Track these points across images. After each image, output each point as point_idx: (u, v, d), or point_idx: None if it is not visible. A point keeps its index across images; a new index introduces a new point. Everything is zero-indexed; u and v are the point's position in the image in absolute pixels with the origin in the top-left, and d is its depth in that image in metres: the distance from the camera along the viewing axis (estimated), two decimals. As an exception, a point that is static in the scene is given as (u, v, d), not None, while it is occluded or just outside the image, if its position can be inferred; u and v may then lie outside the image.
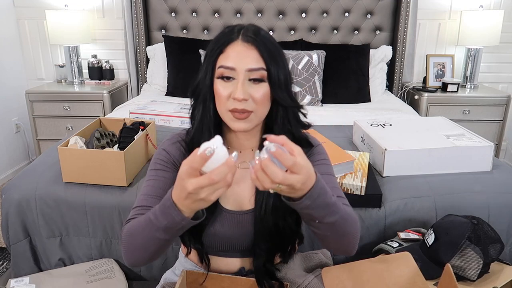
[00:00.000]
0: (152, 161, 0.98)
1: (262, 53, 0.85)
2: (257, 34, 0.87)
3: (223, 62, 0.86)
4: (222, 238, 0.97)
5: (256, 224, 0.95)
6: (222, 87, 0.87)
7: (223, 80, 0.87)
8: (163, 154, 0.96)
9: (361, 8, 2.90)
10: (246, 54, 0.85)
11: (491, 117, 2.76)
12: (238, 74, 0.85)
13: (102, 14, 3.05)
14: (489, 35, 2.77)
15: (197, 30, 2.99)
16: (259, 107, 0.87)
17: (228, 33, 0.88)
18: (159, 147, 1.00)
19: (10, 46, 3.00)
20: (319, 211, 0.78)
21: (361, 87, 2.76)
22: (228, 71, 0.85)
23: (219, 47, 0.87)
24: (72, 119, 2.82)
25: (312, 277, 1.04)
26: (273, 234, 0.95)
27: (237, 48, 0.86)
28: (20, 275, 1.48)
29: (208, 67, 0.89)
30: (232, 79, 0.86)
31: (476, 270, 1.14)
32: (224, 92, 0.86)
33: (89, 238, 1.50)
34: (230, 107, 0.86)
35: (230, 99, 0.86)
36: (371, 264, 1.04)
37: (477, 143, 1.59)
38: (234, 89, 0.85)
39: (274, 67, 0.86)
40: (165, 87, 2.86)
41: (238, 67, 0.85)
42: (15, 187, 1.52)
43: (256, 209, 0.95)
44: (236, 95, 0.84)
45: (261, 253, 0.97)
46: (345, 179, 1.43)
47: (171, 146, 0.97)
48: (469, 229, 1.16)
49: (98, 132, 1.60)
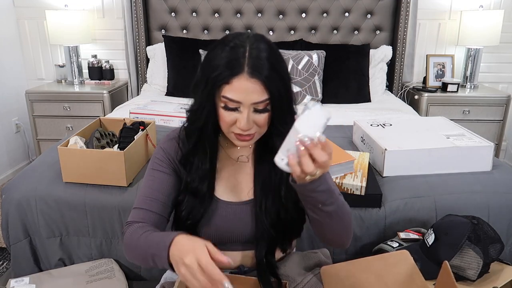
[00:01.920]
0: (151, 159, 1.01)
1: (268, 87, 0.85)
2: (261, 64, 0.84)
3: (228, 94, 0.85)
4: (220, 230, 0.99)
5: (256, 214, 0.98)
6: (227, 114, 0.88)
7: (227, 110, 0.87)
8: (160, 153, 1.00)
9: (361, 8, 2.90)
10: (252, 89, 0.84)
11: (491, 117, 2.76)
12: (243, 107, 0.86)
13: (102, 14, 3.05)
14: (489, 35, 2.77)
15: (197, 30, 2.99)
16: (262, 128, 0.91)
17: (233, 61, 0.84)
18: (157, 146, 1.03)
19: (10, 46, 3.00)
20: (322, 195, 0.84)
21: (361, 87, 2.76)
22: (233, 103, 0.86)
23: (224, 78, 0.84)
24: (72, 119, 2.82)
25: (311, 275, 1.04)
26: (275, 225, 0.97)
27: (243, 83, 0.84)
28: (20, 275, 1.48)
29: (211, 94, 0.87)
30: (236, 109, 0.87)
31: (476, 270, 1.14)
32: (229, 119, 0.88)
33: (89, 238, 1.50)
34: (234, 131, 0.89)
35: (234, 125, 0.88)
36: (369, 263, 1.04)
37: (477, 143, 1.59)
38: (239, 118, 0.87)
39: (277, 95, 0.86)
40: (165, 87, 2.86)
41: (244, 101, 0.85)
42: (15, 187, 1.52)
43: (257, 200, 0.97)
44: (241, 126, 0.86)
45: (263, 243, 0.98)
46: (345, 179, 1.43)
47: (168, 143, 1.00)
48: (469, 229, 1.16)
49: (98, 132, 1.60)
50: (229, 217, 0.99)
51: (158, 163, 0.99)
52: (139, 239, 0.87)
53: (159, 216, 0.95)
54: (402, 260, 1.02)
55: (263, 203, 0.97)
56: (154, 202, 0.95)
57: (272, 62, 0.86)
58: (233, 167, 1.02)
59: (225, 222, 0.98)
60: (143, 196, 0.96)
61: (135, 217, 0.95)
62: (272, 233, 0.97)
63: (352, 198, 1.41)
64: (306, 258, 1.12)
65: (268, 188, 0.97)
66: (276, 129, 0.91)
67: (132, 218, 0.95)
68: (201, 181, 0.96)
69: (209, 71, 0.87)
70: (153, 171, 0.99)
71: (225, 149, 1.02)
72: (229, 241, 1.01)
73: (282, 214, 0.97)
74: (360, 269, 1.02)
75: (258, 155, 1.01)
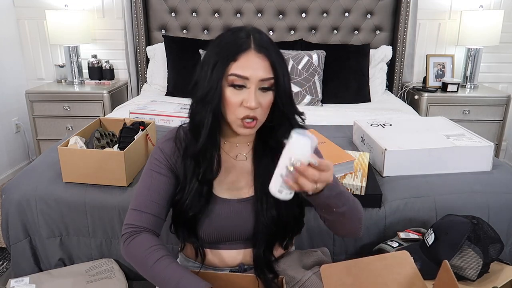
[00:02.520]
0: (150, 159, 1.02)
1: (273, 64, 0.89)
2: (269, 46, 0.90)
3: (236, 70, 0.87)
4: (221, 228, 0.99)
5: (256, 212, 0.98)
6: (233, 94, 0.89)
7: (235, 88, 0.88)
8: (158, 154, 1.00)
9: (361, 8, 2.90)
10: (260, 64, 0.87)
11: (491, 117, 2.76)
12: (251, 83, 0.88)
13: (102, 14, 3.05)
14: (489, 35, 2.77)
15: (197, 30, 2.99)
16: (264, 114, 0.92)
17: (239, 40, 0.89)
18: (156, 146, 1.03)
19: (10, 46, 3.00)
20: (335, 201, 0.88)
21: (361, 87, 2.76)
22: (240, 79, 0.87)
23: (231, 54, 0.88)
24: (72, 119, 2.82)
25: (310, 273, 1.04)
26: (276, 221, 0.98)
27: (250, 58, 0.88)
28: (20, 275, 1.48)
29: (219, 73, 0.88)
30: (243, 87, 0.88)
31: (476, 270, 1.14)
32: (235, 99, 0.89)
33: (89, 238, 1.50)
34: (241, 115, 0.89)
35: (241, 107, 0.89)
36: (369, 262, 1.04)
37: (477, 143, 1.59)
38: (246, 97, 0.88)
39: (281, 76, 0.90)
40: (165, 87, 2.86)
41: (251, 76, 0.87)
42: (15, 187, 1.52)
43: (258, 197, 0.99)
44: (249, 103, 0.87)
45: (262, 241, 0.99)
46: (345, 179, 1.43)
47: (166, 144, 1.01)
48: (469, 229, 1.16)
49: (98, 132, 1.60)
50: (229, 215, 0.99)
51: (156, 164, 0.99)
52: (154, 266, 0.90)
53: (157, 218, 0.97)
54: (402, 260, 1.03)
55: (264, 200, 0.98)
56: (153, 205, 0.96)
57: (275, 47, 0.92)
58: (231, 166, 1.03)
59: (225, 220, 0.99)
60: (142, 198, 0.97)
61: (135, 220, 0.96)
62: (272, 230, 0.98)
63: (352, 198, 1.41)
64: (305, 257, 1.13)
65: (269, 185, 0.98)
66: (277, 118, 0.94)
67: (132, 221, 0.96)
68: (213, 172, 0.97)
69: (213, 56, 0.89)
70: (151, 171, 0.99)
71: (223, 147, 1.03)
72: (230, 239, 1.01)
73: (283, 210, 0.98)
74: (360, 268, 1.02)
75: (257, 153, 1.02)
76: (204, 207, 0.98)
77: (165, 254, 0.92)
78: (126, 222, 0.97)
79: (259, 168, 1.00)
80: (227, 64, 0.88)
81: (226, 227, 1.00)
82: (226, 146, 1.03)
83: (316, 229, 1.41)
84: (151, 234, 0.96)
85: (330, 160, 1.06)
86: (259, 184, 0.99)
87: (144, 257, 0.91)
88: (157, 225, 0.98)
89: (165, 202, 0.98)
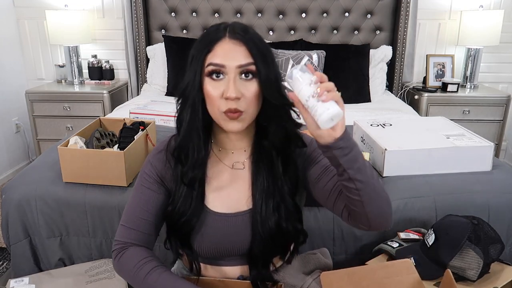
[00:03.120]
0: (140, 173, 0.98)
1: (250, 49, 0.84)
2: (245, 31, 0.86)
3: (212, 59, 0.84)
4: (216, 243, 0.95)
5: (254, 225, 0.93)
6: (212, 87, 0.85)
7: (213, 79, 0.85)
8: (149, 168, 0.97)
9: (361, 8, 2.90)
10: (235, 51, 0.84)
11: (491, 117, 2.76)
12: (228, 71, 0.84)
13: (102, 14, 3.05)
14: (489, 35, 2.77)
15: (197, 30, 2.98)
16: (250, 106, 0.85)
17: (215, 31, 0.87)
18: (147, 159, 0.99)
19: (10, 46, 3.00)
20: (351, 161, 0.79)
21: (361, 87, 2.75)
22: (217, 67, 0.84)
23: (206, 45, 0.86)
24: (72, 119, 2.82)
25: (310, 280, 1.03)
26: (274, 236, 0.92)
27: (225, 45, 0.84)
28: (20, 275, 1.47)
29: (196, 67, 0.86)
30: (222, 77, 0.84)
31: (476, 270, 1.14)
32: (215, 92, 0.84)
33: (89, 238, 1.50)
34: (223, 108, 0.84)
35: (222, 100, 0.84)
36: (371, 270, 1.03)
37: (477, 143, 1.59)
38: (226, 87, 0.83)
39: (262, 63, 0.85)
40: (165, 87, 2.86)
41: (228, 64, 0.83)
42: (15, 187, 1.52)
43: (256, 210, 0.93)
44: (228, 93, 0.82)
45: (258, 255, 0.94)
46: (345, 179, 1.42)
47: (156, 157, 0.97)
48: (469, 229, 1.16)
49: (98, 132, 1.60)
50: (225, 230, 0.94)
51: (146, 179, 0.96)
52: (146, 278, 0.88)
53: (146, 235, 0.95)
54: (404, 269, 1.01)
55: (263, 211, 0.92)
56: (141, 222, 0.94)
57: (256, 35, 0.88)
58: (227, 176, 0.97)
59: (221, 235, 0.94)
60: (130, 214, 0.95)
61: (123, 236, 0.94)
62: (269, 244, 0.93)
63: (352, 198, 1.41)
64: (305, 261, 1.11)
65: (268, 195, 0.92)
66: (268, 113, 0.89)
67: (121, 238, 0.95)
68: (196, 170, 0.91)
69: (193, 49, 0.88)
70: (142, 187, 0.96)
71: (218, 155, 0.97)
72: (227, 255, 0.97)
73: (282, 221, 0.92)
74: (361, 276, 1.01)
75: (254, 160, 0.95)
76: (196, 210, 0.93)
77: (156, 265, 0.90)
78: (116, 238, 0.95)
79: (257, 177, 0.94)
80: (203, 56, 0.85)
81: (223, 243, 0.95)
82: (221, 154, 0.97)
83: (316, 229, 1.41)
84: (141, 248, 0.93)
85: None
86: (257, 194, 0.93)
87: (135, 271, 0.90)
88: (148, 241, 0.95)
89: (155, 218, 0.95)
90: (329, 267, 1.14)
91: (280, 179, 0.93)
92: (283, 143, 0.91)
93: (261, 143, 0.94)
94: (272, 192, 0.93)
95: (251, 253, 0.95)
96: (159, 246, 1.48)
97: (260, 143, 0.94)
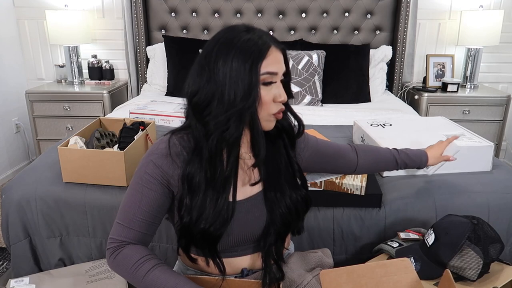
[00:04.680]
0: (140, 172, 0.93)
1: (286, 56, 0.93)
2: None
3: (268, 68, 0.88)
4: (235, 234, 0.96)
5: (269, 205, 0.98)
6: (266, 92, 0.89)
7: (266, 86, 0.89)
8: (152, 169, 0.92)
9: (361, 8, 2.90)
10: (280, 58, 0.91)
11: (491, 117, 2.76)
12: (278, 78, 0.91)
13: (102, 14, 3.05)
14: (489, 35, 2.77)
15: (197, 30, 2.99)
16: None
17: (258, 39, 0.87)
18: (147, 158, 0.94)
19: (10, 46, 3.00)
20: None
21: (361, 87, 2.76)
22: (272, 76, 0.89)
23: (261, 53, 0.86)
24: (72, 119, 2.82)
25: (310, 277, 1.04)
26: (289, 208, 0.98)
27: (275, 54, 0.89)
28: (20, 275, 1.48)
29: (254, 76, 0.85)
30: (271, 83, 0.90)
31: (476, 270, 1.14)
32: (268, 97, 0.90)
33: (89, 238, 1.50)
34: (274, 110, 0.91)
35: (272, 103, 0.90)
36: (370, 269, 1.03)
37: (477, 143, 1.59)
38: (277, 92, 0.90)
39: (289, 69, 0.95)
40: (165, 87, 2.86)
41: (279, 71, 0.90)
42: (15, 187, 1.52)
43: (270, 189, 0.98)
44: (282, 98, 0.90)
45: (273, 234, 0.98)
46: (345, 179, 1.43)
47: (163, 160, 0.92)
48: (469, 229, 1.16)
49: (98, 132, 1.60)
50: (244, 217, 0.96)
51: (149, 180, 0.92)
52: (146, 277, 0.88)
53: (145, 235, 0.94)
54: (403, 268, 1.02)
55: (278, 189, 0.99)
56: (142, 223, 0.92)
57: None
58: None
59: (242, 224, 0.96)
60: (130, 214, 0.92)
61: (120, 235, 0.92)
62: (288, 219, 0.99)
63: (352, 198, 1.41)
64: (306, 258, 1.12)
65: (277, 174, 0.99)
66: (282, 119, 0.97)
67: (118, 236, 0.93)
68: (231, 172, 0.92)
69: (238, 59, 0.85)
70: (142, 187, 0.92)
71: None
72: (242, 244, 0.99)
73: (292, 194, 1.00)
74: (360, 274, 1.02)
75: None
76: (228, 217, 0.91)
77: (156, 264, 0.90)
78: (112, 236, 0.93)
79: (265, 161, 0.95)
80: (259, 64, 0.86)
81: (241, 232, 0.96)
82: None
83: (316, 229, 1.41)
84: (139, 246, 0.93)
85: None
86: (268, 174, 0.98)
87: (134, 270, 0.89)
88: (145, 240, 0.95)
89: (155, 219, 0.94)
90: (330, 267, 1.14)
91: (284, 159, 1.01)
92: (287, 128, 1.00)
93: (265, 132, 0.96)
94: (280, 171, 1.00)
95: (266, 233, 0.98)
96: (159, 246, 1.48)
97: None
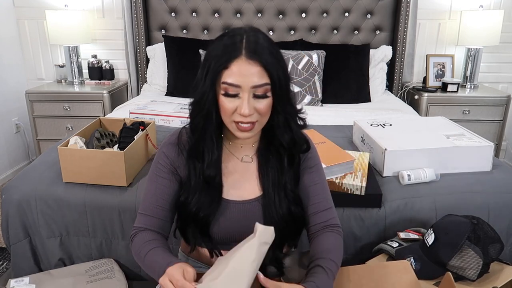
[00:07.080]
0: (154, 163, 1.03)
1: (266, 67, 0.86)
2: (259, 48, 0.87)
3: (227, 78, 0.86)
4: (225, 229, 1.00)
5: (266, 212, 0.99)
6: (227, 101, 0.89)
7: (228, 96, 0.88)
8: (163, 158, 1.02)
9: (361, 8, 2.90)
10: (250, 71, 0.85)
11: (491, 117, 2.76)
12: (243, 91, 0.87)
13: (102, 14, 3.05)
14: (489, 35, 2.77)
15: (197, 30, 2.99)
16: (263, 117, 0.91)
17: (232, 45, 0.87)
18: (160, 148, 1.04)
19: (10, 46, 3.00)
20: None
21: (361, 87, 2.76)
22: (232, 88, 0.87)
23: (222, 63, 0.87)
24: (72, 119, 2.82)
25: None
26: (286, 220, 0.99)
27: (241, 65, 0.86)
28: (20, 275, 1.48)
29: (212, 81, 0.89)
30: (236, 95, 0.88)
31: (476, 270, 1.14)
32: (230, 106, 0.89)
33: (89, 238, 1.50)
34: (236, 119, 0.90)
35: (235, 113, 0.89)
36: (369, 269, 1.04)
37: (477, 143, 1.59)
38: (240, 104, 0.87)
39: (277, 81, 0.88)
40: (165, 87, 2.86)
41: (243, 84, 0.86)
42: (15, 187, 1.52)
43: (268, 198, 1.00)
44: (242, 111, 0.87)
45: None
46: (345, 179, 1.43)
47: (170, 148, 1.02)
48: (469, 229, 1.16)
49: (98, 132, 1.60)
50: (234, 216, 1.00)
51: (160, 169, 1.01)
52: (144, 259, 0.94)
53: (163, 221, 1.01)
54: (402, 270, 1.03)
55: (276, 197, 0.99)
56: (158, 209, 1.00)
57: (270, 48, 0.89)
58: (237, 167, 1.03)
59: (237, 221, 1.00)
60: (147, 202, 1.01)
61: (141, 222, 1.00)
62: (283, 227, 0.99)
63: (352, 198, 1.41)
64: (306, 257, 1.12)
65: (278, 185, 1.00)
66: (277, 119, 0.94)
67: (138, 224, 1.00)
68: (211, 169, 0.98)
69: (208, 61, 0.89)
70: (156, 176, 1.01)
71: (228, 148, 1.03)
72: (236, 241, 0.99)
73: (293, 206, 1.00)
74: (359, 274, 1.02)
75: (261, 154, 1.03)
76: (215, 208, 0.99)
77: (158, 246, 0.94)
78: (134, 225, 1.01)
79: (266, 167, 1.01)
80: (219, 72, 0.87)
81: (232, 229, 1.00)
82: (231, 147, 1.03)
83: (316, 229, 1.41)
84: (150, 231, 0.99)
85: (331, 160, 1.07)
86: (268, 184, 1.00)
87: (139, 252, 0.95)
88: (164, 227, 1.01)
89: (170, 205, 1.01)
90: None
91: (287, 172, 1.01)
92: (289, 144, 0.98)
93: (269, 140, 0.99)
94: (281, 182, 1.00)
95: None
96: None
97: (268, 138, 1.00)
